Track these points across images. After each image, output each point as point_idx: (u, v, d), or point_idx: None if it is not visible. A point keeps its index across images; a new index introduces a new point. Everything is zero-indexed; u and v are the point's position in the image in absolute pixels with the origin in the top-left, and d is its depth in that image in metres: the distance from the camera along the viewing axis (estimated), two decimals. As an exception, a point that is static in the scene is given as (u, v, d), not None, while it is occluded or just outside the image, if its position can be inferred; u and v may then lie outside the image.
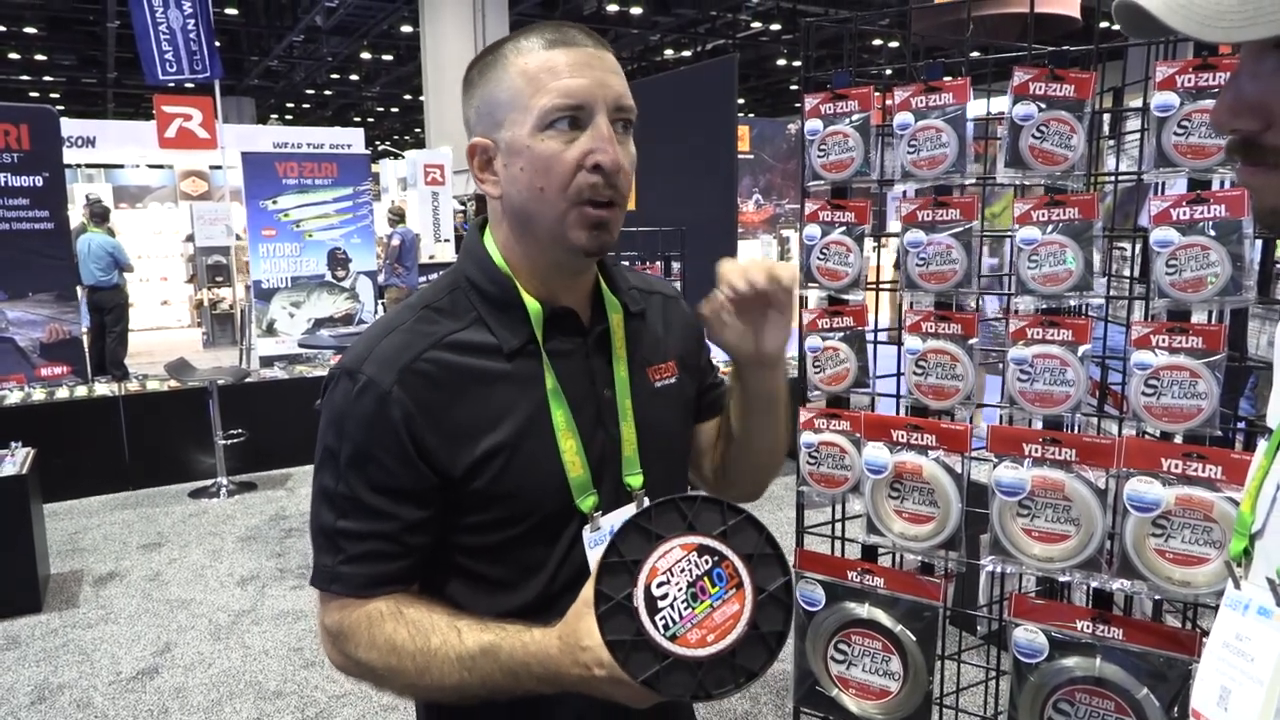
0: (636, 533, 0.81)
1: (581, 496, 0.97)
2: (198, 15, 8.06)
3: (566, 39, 0.92)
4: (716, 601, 0.80)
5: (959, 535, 1.71)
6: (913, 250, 1.79)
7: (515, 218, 0.96)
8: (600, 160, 0.90)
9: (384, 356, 0.92)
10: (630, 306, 1.06)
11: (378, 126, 34.49)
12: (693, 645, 0.78)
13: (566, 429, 0.96)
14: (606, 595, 0.79)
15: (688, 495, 0.83)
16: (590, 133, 0.90)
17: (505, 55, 0.93)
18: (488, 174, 0.96)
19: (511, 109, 0.91)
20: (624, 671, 0.78)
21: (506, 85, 0.92)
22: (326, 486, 0.95)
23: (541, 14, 18.24)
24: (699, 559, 0.81)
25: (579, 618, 0.83)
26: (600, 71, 0.91)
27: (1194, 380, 1.50)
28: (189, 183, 14.05)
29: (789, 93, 26.04)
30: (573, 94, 0.89)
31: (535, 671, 0.86)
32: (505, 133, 0.92)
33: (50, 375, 6.44)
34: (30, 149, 6.36)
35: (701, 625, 0.79)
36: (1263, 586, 0.67)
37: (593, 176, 0.90)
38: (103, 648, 3.52)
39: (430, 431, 0.91)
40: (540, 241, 0.95)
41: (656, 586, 0.79)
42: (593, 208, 0.92)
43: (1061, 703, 1.58)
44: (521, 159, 0.91)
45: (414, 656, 0.90)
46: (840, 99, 1.86)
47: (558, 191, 0.91)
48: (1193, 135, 1.51)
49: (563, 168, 0.90)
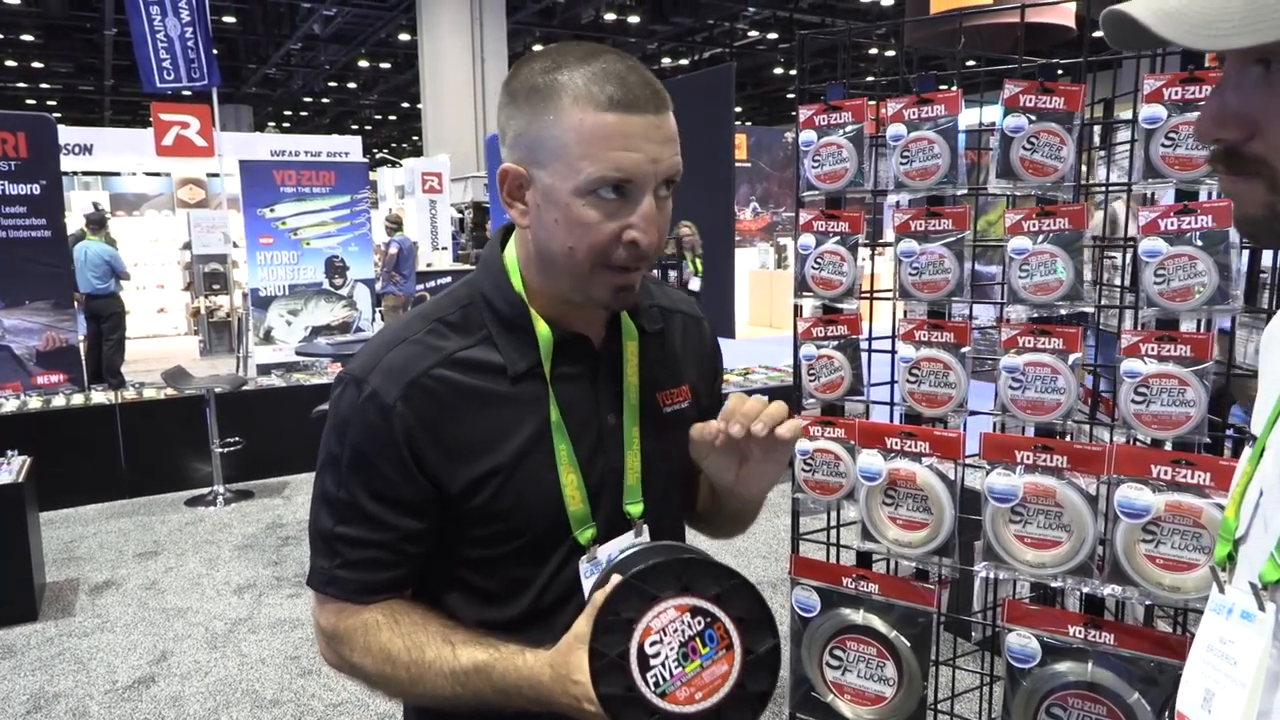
0: (634, 593, 0.83)
1: (580, 529, 0.97)
2: (195, 23, 8.09)
3: (630, 100, 0.85)
4: (706, 661, 0.84)
5: (953, 541, 1.73)
6: (906, 260, 1.81)
7: (540, 256, 0.94)
8: (637, 239, 0.88)
9: (391, 368, 0.93)
10: (648, 327, 1.05)
11: (375, 134, 34.55)
12: (681, 702, 0.82)
13: (568, 463, 0.96)
14: (601, 653, 0.82)
15: (685, 558, 0.86)
16: (635, 209, 0.87)
17: (559, 96, 0.86)
18: (518, 202, 0.92)
19: (556, 159, 0.87)
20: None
21: (555, 134, 0.86)
22: (327, 491, 0.96)
23: (539, 22, 18.31)
24: (692, 620, 0.84)
25: (571, 650, 0.85)
26: (657, 145, 0.87)
27: (1182, 388, 1.52)
28: (186, 190, 14.06)
29: (786, 101, 26.13)
30: (624, 169, 0.86)
31: (526, 694, 0.88)
32: (545, 176, 0.88)
33: (47, 383, 6.44)
34: (27, 157, 6.37)
35: (691, 684, 0.83)
36: (1246, 591, 0.68)
37: (626, 251, 0.89)
38: (99, 656, 3.51)
39: (430, 447, 0.92)
40: (560, 282, 0.94)
41: (649, 645, 0.82)
42: (620, 274, 0.91)
43: (1054, 707, 1.59)
44: (557, 212, 0.88)
45: (408, 667, 0.92)
46: (834, 110, 1.88)
47: (587, 256, 0.89)
48: (1180, 147, 1.54)
49: (599, 238, 0.88)
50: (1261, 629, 0.66)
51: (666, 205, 0.92)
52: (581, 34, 19.01)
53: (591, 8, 17.52)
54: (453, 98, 15.32)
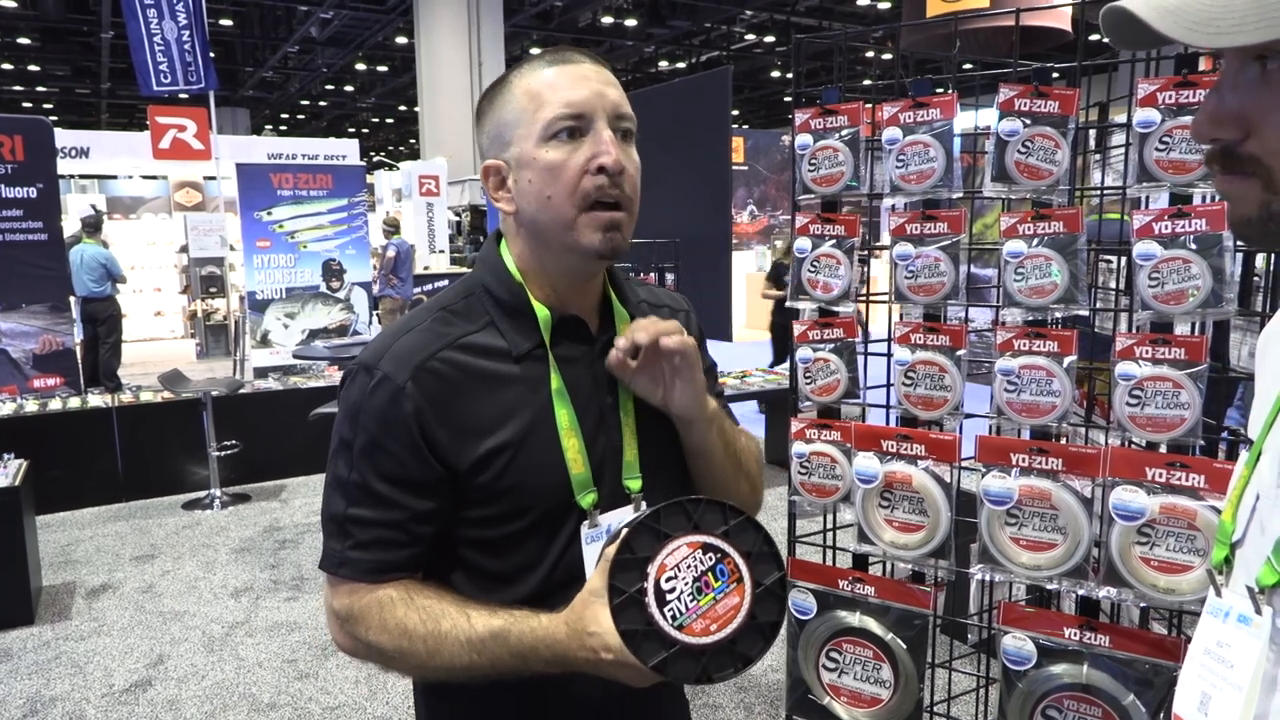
0: (647, 532, 0.87)
1: (582, 493, 1.01)
2: (192, 26, 8.09)
3: (565, 58, 0.99)
4: (719, 595, 0.87)
5: (948, 544, 1.73)
6: (901, 263, 1.81)
7: (529, 229, 1.01)
8: (604, 161, 0.95)
9: (400, 354, 0.97)
10: (638, 315, 1.09)
11: (373, 137, 34.55)
12: (697, 634, 0.86)
13: (570, 428, 1.00)
14: (620, 589, 0.85)
15: (693, 498, 0.90)
16: (591, 139, 0.96)
17: (510, 81, 1.00)
18: (502, 192, 1.01)
19: (518, 126, 0.98)
20: (635, 658, 0.84)
21: (512, 106, 0.98)
22: (340, 475, 0.99)
23: (537, 25, 18.31)
24: (703, 556, 0.88)
25: (585, 605, 0.89)
26: (598, 84, 0.97)
27: (1177, 391, 1.53)
28: (183, 194, 14.06)
29: (783, 105, 26.17)
30: (573, 104, 0.95)
31: (543, 654, 0.91)
32: (514, 149, 0.98)
33: (43, 386, 6.43)
34: (24, 160, 6.36)
35: (705, 616, 0.86)
36: (1242, 594, 0.69)
37: (598, 178, 0.95)
38: (95, 660, 3.51)
39: (440, 427, 0.96)
40: (553, 249, 1.00)
41: (665, 581, 0.86)
42: (602, 210, 0.96)
43: (1050, 709, 1.59)
44: (530, 170, 0.97)
45: (425, 640, 0.95)
46: (830, 114, 1.89)
47: (565, 197, 0.96)
48: (1174, 151, 1.54)
49: (568, 174, 0.95)
50: (1258, 632, 0.67)
51: (631, 151, 0.99)
52: (579, 37, 19.04)
53: (589, 11, 17.54)
54: (450, 101, 15.32)
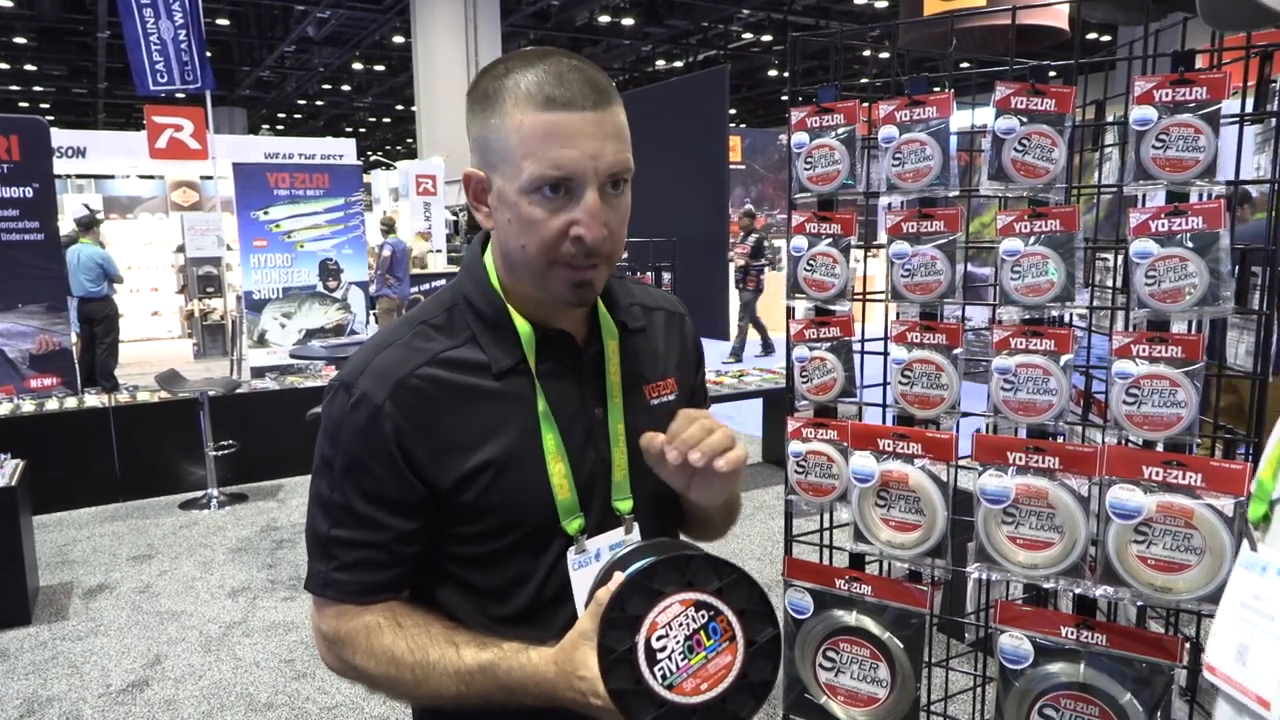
0: (639, 590, 0.86)
1: (568, 519, 0.98)
2: (189, 26, 8.08)
3: (567, 99, 0.87)
4: (711, 653, 0.87)
5: (945, 543, 1.73)
6: (898, 261, 1.81)
7: (504, 255, 0.98)
8: (582, 235, 0.90)
9: (379, 371, 0.95)
10: (630, 324, 1.07)
11: (370, 137, 34.52)
12: (688, 694, 0.85)
13: (556, 453, 0.97)
14: (610, 649, 0.84)
15: (686, 554, 0.88)
16: (578, 204, 0.89)
17: (504, 100, 0.90)
18: (482, 204, 0.97)
19: (503, 161, 0.91)
20: (625, 717, 0.84)
21: (500, 136, 0.90)
22: (322, 494, 0.97)
23: (534, 25, 18.30)
24: (696, 613, 0.87)
25: (575, 646, 0.87)
26: (596, 141, 0.88)
27: (1174, 389, 1.53)
28: (180, 193, 14.04)
29: (780, 104, 26.15)
30: (561, 166, 0.88)
31: (532, 691, 0.90)
32: (497, 179, 0.93)
33: (40, 386, 6.42)
34: (20, 160, 6.35)
35: (696, 675, 0.86)
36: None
37: (574, 247, 0.91)
38: (92, 660, 3.50)
39: (420, 445, 0.94)
40: (526, 283, 0.97)
41: (656, 640, 0.85)
42: (573, 270, 0.92)
43: (1047, 708, 1.59)
44: (509, 212, 0.92)
45: (412, 669, 0.93)
46: (826, 113, 1.89)
47: (538, 254, 0.92)
48: (1170, 149, 1.54)
49: (545, 234, 0.90)
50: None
51: (618, 203, 0.93)
52: (576, 37, 19.03)
53: (586, 10, 17.53)
54: (447, 100, 15.29)
